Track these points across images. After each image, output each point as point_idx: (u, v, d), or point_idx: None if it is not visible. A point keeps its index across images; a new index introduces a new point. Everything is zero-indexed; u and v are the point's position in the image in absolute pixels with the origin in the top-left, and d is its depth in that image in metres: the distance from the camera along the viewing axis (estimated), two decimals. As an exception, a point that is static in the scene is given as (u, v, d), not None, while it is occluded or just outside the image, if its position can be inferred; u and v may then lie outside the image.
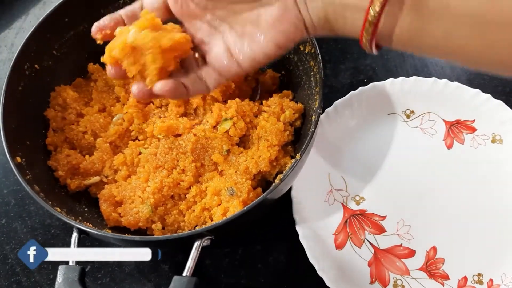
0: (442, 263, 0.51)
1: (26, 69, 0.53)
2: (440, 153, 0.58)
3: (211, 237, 0.44)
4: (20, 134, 0.50)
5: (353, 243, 0.53)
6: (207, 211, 0.51)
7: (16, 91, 0.52)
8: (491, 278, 0.50)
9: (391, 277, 0.51)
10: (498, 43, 0.28)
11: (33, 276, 0.54)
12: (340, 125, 0.59)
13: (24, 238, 0.57)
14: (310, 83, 0.53)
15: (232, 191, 0.49)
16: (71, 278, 0.41)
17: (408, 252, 0.52)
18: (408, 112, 0.61)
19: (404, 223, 0.54)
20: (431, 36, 0.30)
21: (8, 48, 0.74)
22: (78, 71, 0.60)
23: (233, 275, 0.53)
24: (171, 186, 0.51)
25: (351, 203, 0.56)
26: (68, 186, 0.53)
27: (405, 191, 0.56)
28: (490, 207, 0.54)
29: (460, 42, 0.29)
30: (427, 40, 0.31)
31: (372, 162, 0.58)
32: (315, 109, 0.49)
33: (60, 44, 0.57)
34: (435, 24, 0.29)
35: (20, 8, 0.78)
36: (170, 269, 0.54)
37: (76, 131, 0.55)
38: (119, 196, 0.52)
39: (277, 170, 0.53)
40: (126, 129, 0.56)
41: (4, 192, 0.60)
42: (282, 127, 0.53)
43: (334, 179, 0.57)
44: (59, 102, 0.56)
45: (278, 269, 0.53)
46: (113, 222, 0.51)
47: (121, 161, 0.54)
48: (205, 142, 0.53)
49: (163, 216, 0.51)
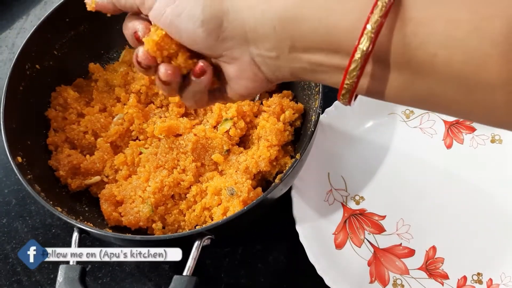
0: (441, 263, 0.51)
1: (27, 69, 0.53)
2: (439, 153, 0.58)
3: (211, 237, 0.44)
4: (21, 134, 0.51)
5: (352, 243, 0.53)
6: (207, 211, 0.51)
7: (17, 91, 0.52)
8: (491, 277, 0.50)
9: (390, 277, 0.51)
10: (486, 103, 0.26)
11: (33, 276, 0.54)
12: (340, 125, 0.60)
13: (25, 237, 0.57)
14: (310, 83, 0.53)
15: (232, 191, 0.49)
16: (71, 278, 0.41)
17: (407, 252, 0.52)
18: (408, 112, 0.61)
19: (403, 223, 0.54)
20: (417, 93, 0.28)
21: (9, 48, 0.74)
22: (78, 71, 0.60)
23: (233, 275, 0.53)
24: (171, 186, 0.51)
25: (350, 202, 0.56)
26: (69, 186, 0.53)
27: (405, 191, 0.56)
28: (490, 207, 0.54)
29: (446, 102, 0.28)
30: (413, 96, 0.29)
31: (371, 162, 0.58)
32: (315, 109, 0.50)
33: (61, 44, 0.57)
34: (420, 84, 0.27)
35: (21, 8, 0.78)
36: (171, 268, 0.54)
37: (77, 131, 0.55)
38: (120, 195, 0.52)
39: (277, 170, 0.53)
40: (127, 129, 0.56)
41: (5, 192, 0.61)
42: (282, 127, 0.53)
43: (334, 178, 0.58)
44: (60, 102, 0.56)
45: (278, 268, 0.53)
46: (113, 221, 0.51)
47: (121, 161, 0.54)
48: (205, 142, 0.54)
49: (164, 216, 0.51)
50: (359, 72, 0.28)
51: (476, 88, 0.26)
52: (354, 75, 0.28)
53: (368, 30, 0.26)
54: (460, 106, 0.28)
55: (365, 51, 0.26)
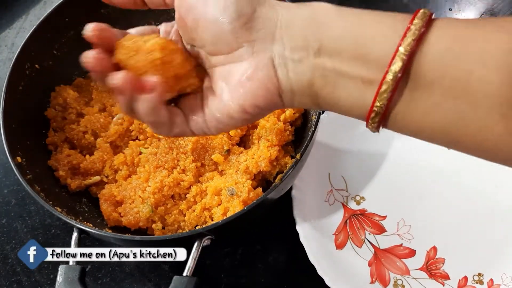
0: (442, 263, 0.51)
1: (26, 69, 0.53)
2: (440, 153, 0.57)
3: (211, 237, 0.44)
4: (20, 133, 0.50)
5: (353, 243, 0.53)
6: (208, 211, 0.51)
7: (16, 91, 0.52)
8: (492, 278, 0.50)
9: (391, 277, 0.51)
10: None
11: (33, 276, 0.54)
12: (340, 125, 0.59)
13: (25, 237, 0.57)
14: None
15: (232, 191, 0.49)
16: (71, 278, 0.41)
17: (408, 252, 0.52)
18: (409, 112, 0.61)
19: (404, 223, 0.54)
20: (445, 116, 0.26)
21: (9, 48, 0.74)
22: (78, 71, 0.60)
23: (233, 275, 0.53)
24: (171, 186, 0.51)
25: (351, 203, 0.56)
26: (69, 186, 0.53)
27: (406, 191, 0.56)
28: (491, 207, 0.54)
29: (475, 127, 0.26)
30: (440, 120, 0.27)
31: (372, 162, 0.58)
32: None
33: (60, 44, 0.57)
34: (450, 105, 0.26)
35: (20, 8, 0.78)
36: (170, 268, 0.54)
37: (76, 131, 0.55)
38: (120, 195, 0.52)
39: (278, 170, 0.53)
40: (127, 129, 0.56)
41: (5, 192, 0.60)
42: (282, 127, 0.53)
43: (334, 178, 0.57)
44: (59, 102, 0.56)
45: (278, 269, 0.53)
46: (113, 222, 0.51)
47: (121, 161, 0.54)
48: (205, 142, 0.53)
49: (164, 216, 0.51)
50: (391, 94, 0.26)
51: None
52: (384, 97, 0.27)
53: (400, 52, 0.25)
54: (491, 134, 0.26)
55: (397, 72, 0.26)
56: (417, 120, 0.27)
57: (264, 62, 0.30)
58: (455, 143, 0.28)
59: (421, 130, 0.28)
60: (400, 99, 0.27)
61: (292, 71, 0.29)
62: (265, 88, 0.30)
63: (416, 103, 0.27)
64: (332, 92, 0.29)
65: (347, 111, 0.30)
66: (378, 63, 0.26)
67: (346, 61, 0.28)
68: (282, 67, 0.29)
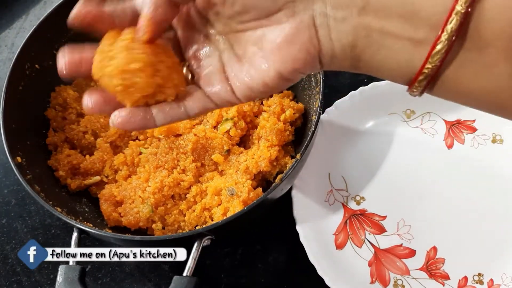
0: (442, 263, 0.51)
1: (26, 69, 0.53)
2: (440, 153, 0.58)
3: (212, 237, 0.44)
4: (20, 134, 0.50)
5: (353, 243, 0.53)
6: (208, 211, 0.51)
7: (16, 91, 0.52)
8: (492, 278, 0.50)
9: (391, 277, 0.51)
10: None
11: (33, 276, 0.54)
12: (340, 125, 0.59)
13: (25, 238, 0.57)
14: (311, 83, 0.53)
15: (232, 191, 0.49)
16: (71, 278, 0.41)
17: (408, 252, 0.52)
18: (409, 112, 0.61)
19: (404, 223, 0.54)
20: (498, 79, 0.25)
21: (9, 48, 0.74)
22: (78, 71, 0.60)
23: (233, 275, 0.53)
24: (171, 186, 0.51)
25: (351, 203, 0.56)
26: (69, 186, 0.53)
27: (406, 191, 0.56)
28: (491, 207, 0.54)
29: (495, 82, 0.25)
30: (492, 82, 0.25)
31: (372, 162, 0.58)
32: (316, 109, 0.49)
33: (60, 43, 0.57)
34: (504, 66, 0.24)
35: (20, 8, 0.78)
36: (170, 269, 0.54)
37: (76, 131, 0.55)
38: (120, 196, 0.52)
39: (278, 170, 0.53)
40: (127, 129, 0.56)
41: (5, 192, 0.60)
42: (282, 127, 0.53)
43: (334, 179, 0.57)
44: (59, 102, 0.56)
45: (278, 269, 0.53)
46: (113, 222, 0.51)
47: (121, 161, 0.54)
48: (205, 142, 0.53)
49: (164, 216, 0.51)
50: (444, 55, 0.25)
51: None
52: (437, 59, 0.25)
53: (457, 9, 0.24)
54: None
55: (454, 31, 0.24)
56: (465, 83, 0.26)
57: (305, 23, 0.27)
58: (501, 109, 0.26)
59: (468, 94, 0.26)
60: (453, 61, 0.25)
61: (334, 31, 0.27)
62: (306, 51, 0.28)
63: (468, 64, 0.25)
64: (375, 54, 0.27)
65: (390, 75, 0.28)
66: (430, 22, 0.25)
67: (393, 20, 0.26)
68: (324, 27, 0.27)
